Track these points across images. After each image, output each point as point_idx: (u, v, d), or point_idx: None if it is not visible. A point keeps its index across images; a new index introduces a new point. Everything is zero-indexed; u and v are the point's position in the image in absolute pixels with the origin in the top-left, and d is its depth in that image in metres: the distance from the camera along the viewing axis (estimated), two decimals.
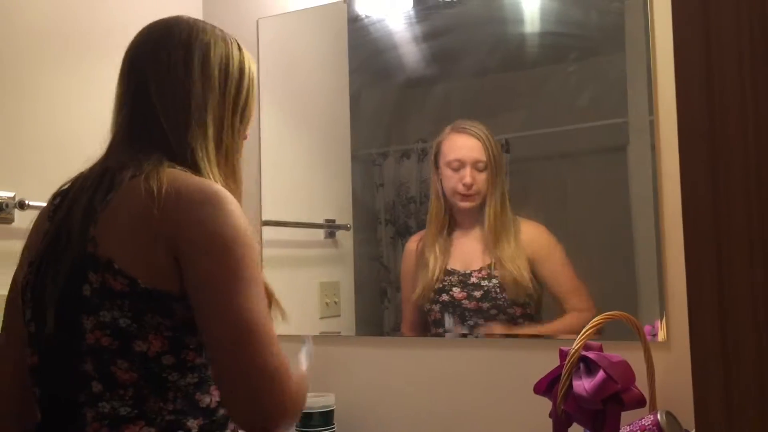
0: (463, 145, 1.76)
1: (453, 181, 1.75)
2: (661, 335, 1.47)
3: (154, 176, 0.98)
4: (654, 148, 1.50)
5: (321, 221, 1.96)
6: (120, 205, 0.98)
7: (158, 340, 0.95)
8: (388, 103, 1.93)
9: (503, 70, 1.80)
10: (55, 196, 1.10)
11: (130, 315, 0.95)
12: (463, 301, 1.72)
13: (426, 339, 1.77)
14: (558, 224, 1.68)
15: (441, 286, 1.76)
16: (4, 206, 1.49)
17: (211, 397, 1.00)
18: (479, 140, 1.74)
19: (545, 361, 1.30)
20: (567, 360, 1.19)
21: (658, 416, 1.32)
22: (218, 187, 1.00)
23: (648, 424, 1.33)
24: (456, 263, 1.76)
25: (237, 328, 0.92)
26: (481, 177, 1.73)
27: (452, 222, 1.77)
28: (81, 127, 1.67)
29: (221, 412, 1.01)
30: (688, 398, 1.37)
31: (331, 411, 1.74)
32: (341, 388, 1.79)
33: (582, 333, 1.22)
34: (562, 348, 1.28)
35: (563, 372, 1.19)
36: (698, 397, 0.70)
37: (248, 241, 0.97)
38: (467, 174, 1.74)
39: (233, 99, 1.10)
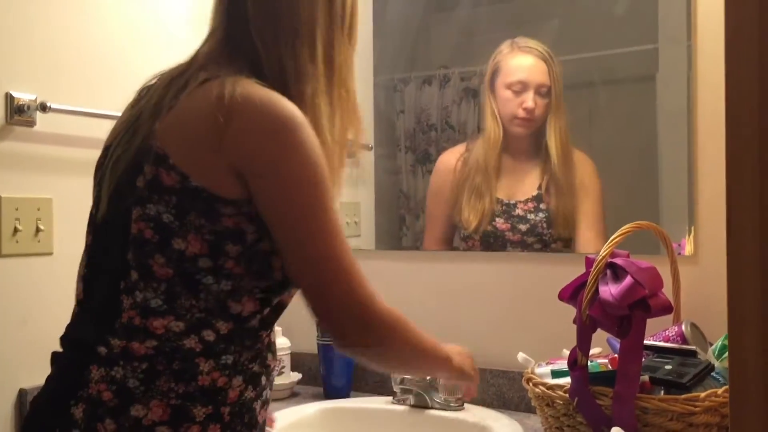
0: (528, 67, 1.66)
1: (512, 105, 1.67)
2: (688, 249, 1.45)
3: (228, 82, 0.96)
4: (690, 50, 1.46)
5: None
6: (187, 105, 0.97)
7: (197, 241, 0.94)
8: (410, 27, 1.88)
9: None
10: (141, 89, 1.11)
11: (174, 212, 0.94)
12: (507, 233, 1.69)
13: (447, 252, 1.76)
14: (585, 145, 1.65)
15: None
16: (25, 108, 1.47)
17: (243, 307, 0.98)
18: (545, 62, 1.64)
19: (568, 274, 1.29)
20: (594, 265, 1.18)
21: (683, 327, 1.32)
22: (293, 108, 0.96)
23: (672, 335, 1.32)
24: (501, 192, 1.70)
25: (320, 266, 0.96)
26: (543, 102, 1.64)
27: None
28: (106, 29, 1.64)
29: (253, 323, 1.00)
30: (713, 311, 1.38)
31: None
32: None
33: (610, 240, 1.20)
34: (588, 256, 1.27)
35: (590, 277, 1.17)
36: (732, 307, 0.68)
37: (321, 177, 0.95)
38: (530, 98, 1.64)
39: (341, 11, 1.06)
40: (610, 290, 1.16)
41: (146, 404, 0.92)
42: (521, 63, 1.67)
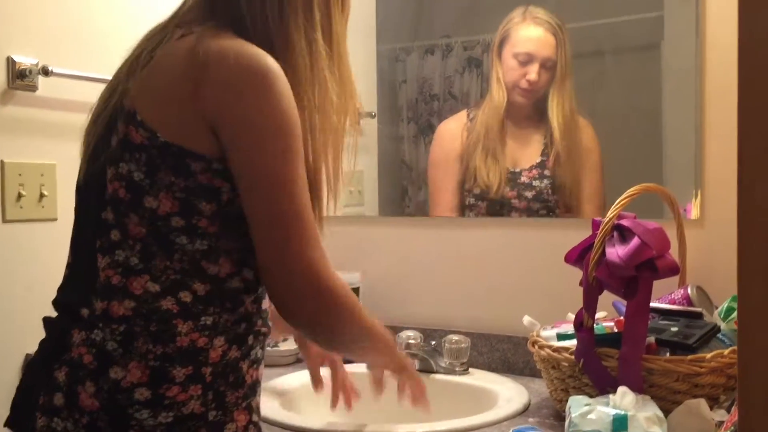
0: (537, 39, 1.66)
1: (516, 74, 1.67)
2: (694, 213, 1.45)
3: (204, 36, 0.94)
4: (699, 12, 1.44)
5: None
6: (161, 61, 0.96)
7: (168, 200, 0.94)
8: None
9: None
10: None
11: (145, 170, 0.94)
12: (513, 200, 1.69)
13: (451, 218, 1.76)
14: (589, 112, 1.64)
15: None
16: (27, 73, 1.46)
17: (220, 268, 0.96)
18: (554, 35, 1.64)
19: (572, 238, 1.29)
20: (601, 227, 1.18)
21: (689, 290, 1.32)
22: (270, 61, 0.94)
23: (678, 298, 1.33)
24: (506, 159, 1.71)
25: (277, 223, 0.93)
26: (547, 75, 1.65)
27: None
28: None
29: (233, 284, 0.98)
30: (719, 274, 1.38)
31: (356, 288, 1.75)
32: (366, 267, 1.80)
33: (617, 202, 1.20)
34: (595, 219, 1.27)
35: (597, 238, 1.17)
36: (742, 265, 0.68)
37: (291, 130, 0.94)
38: (534, 71, 1.65)
39: None
40: (617, 251, 1.15)
41: (125, 366, 0.92)
42: (530, 34, 1.67)
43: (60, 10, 1.53)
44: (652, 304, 1.24)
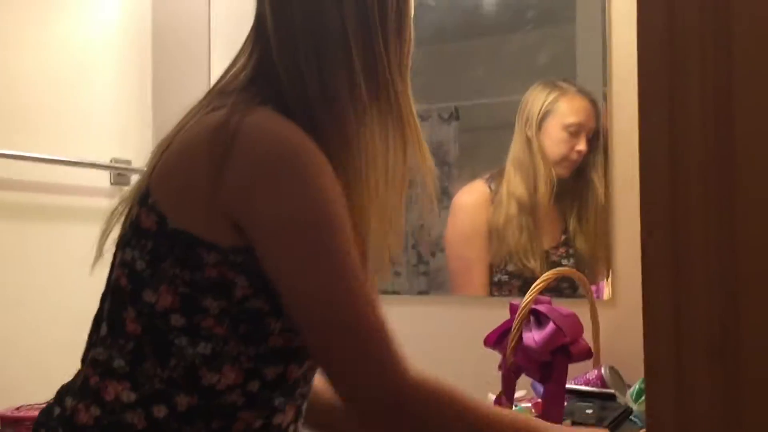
0: (583, 109, 1.61)
1: (565, 147, 1.62)
2: (606, 293, 1.51)
3: (236, 111, 0.80)
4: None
5: None
6: (186, 136, 0.83)
7: (170, 294, 0.80)
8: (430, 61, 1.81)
9: (462, 37, 1.78)
10: None
11: (148, 259, 0.81)
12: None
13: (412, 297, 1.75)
14: None
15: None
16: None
17: (220, 377, 0.81)
18: (594, 107, 1.60)
19: (494, 319, 1.32)
20: (518, 312, 1.21)
21: (602, 371, 1.37)
22: (297, 142, 0.79)
23: (592, 378, 1.37)
24: (539, 238, 1.66)
25: (327, 326, 0.79)
26: (588, 147, 1.60)
27: None
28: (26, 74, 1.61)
29: (230, 398, 0.82)
30: (631, 354, 1.42)
31: None
32: None
33: (533, 287, 1.24)
34: (512, 302, 1.30)
35: (514, 324, 1.21)
36: (648, 350, 0.71)
37: (324, 218, 0.79)
38: (583, 141, 1.60)
39: (380, 14, 0.85)
40: (533, 336, 1.19)
41: None
42: (578, 105, 1.63)
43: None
44: (568, 386, 1.27)
